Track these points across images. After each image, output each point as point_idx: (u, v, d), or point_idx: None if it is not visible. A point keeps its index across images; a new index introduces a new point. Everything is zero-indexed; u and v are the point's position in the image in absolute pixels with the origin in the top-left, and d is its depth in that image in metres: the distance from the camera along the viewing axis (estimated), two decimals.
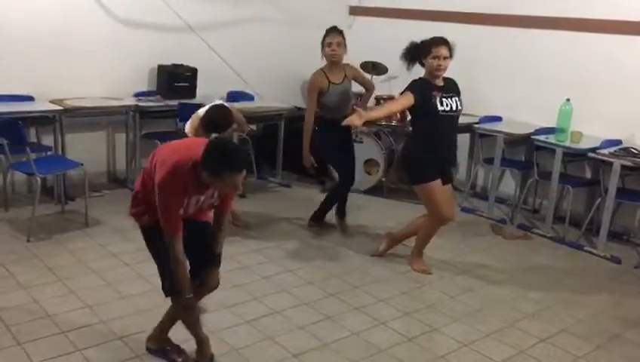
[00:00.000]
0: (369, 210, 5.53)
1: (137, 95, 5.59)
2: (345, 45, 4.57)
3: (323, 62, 4.65)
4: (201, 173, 2.52)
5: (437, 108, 3.88)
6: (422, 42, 3.97)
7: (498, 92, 5.84)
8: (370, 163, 5.90)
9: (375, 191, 5.95)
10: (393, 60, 4.14)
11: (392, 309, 3.69)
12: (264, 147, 6.17)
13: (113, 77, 5.55)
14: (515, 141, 5.44)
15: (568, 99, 4.96)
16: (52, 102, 5.09)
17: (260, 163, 6.16)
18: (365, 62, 6.01)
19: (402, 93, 3.97)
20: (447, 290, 4.00)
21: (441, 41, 3.91)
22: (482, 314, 3.73)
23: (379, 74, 6.08)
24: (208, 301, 3.63)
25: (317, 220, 4.94)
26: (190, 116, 4.27)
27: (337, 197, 4.93)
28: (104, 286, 3.73)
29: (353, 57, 5.01)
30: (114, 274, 3.88)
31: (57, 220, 4.75)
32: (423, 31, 4.17)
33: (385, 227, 4.93)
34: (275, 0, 5.21)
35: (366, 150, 5.80)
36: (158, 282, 2.82)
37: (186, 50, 5.79)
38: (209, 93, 5.48)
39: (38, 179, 4.38)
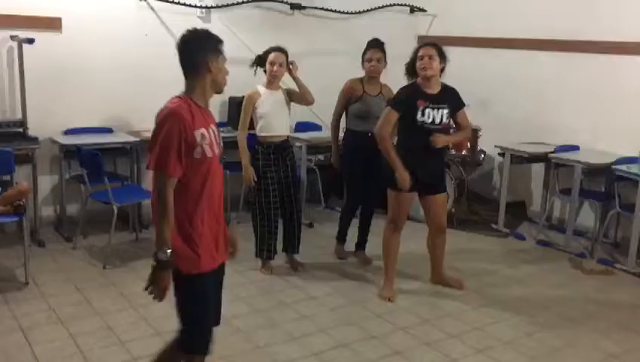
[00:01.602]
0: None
1: None
2: (385, 60, 4.57)
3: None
4: (199, 79, 2.39)
5: (416, 118, 3.81)
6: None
7: (574, 120, 5.62)
8: None
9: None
10: (462, 89, 4.06)
11: (464, 346, 3.55)
12: (331, 177, 6.16)
13: None
14: (594, 171, 5.20)
15: None
16: (129, 133, 5.30)
17: (327, 192, 6.15)
18: None
19: (388, 103, 4.01)
20: (523, 327, 3.81)
21: (426, 43, 3.95)
22: (561, 354, 3.52)
23: None
24: (277, 331, 3.62)
25: (338, 242, 4.88)
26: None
27: (348, 217, 4.85)
28: (175, 315, 3.76)
29: None
30: None
31: (132, 248, 4.89)
32: (493, 58, 4.11)
33: (457, 259, 4.78)
34: (346, 31, 5.26)
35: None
36: (227, 311, 2.79)
37: (258, 82, 5.89)
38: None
39: (115, 208, 4.54)
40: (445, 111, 3.88)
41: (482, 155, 5.95)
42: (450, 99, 3.94)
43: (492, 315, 3.96)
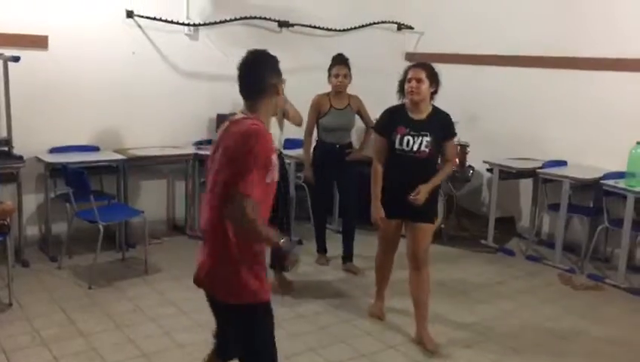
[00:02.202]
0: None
1: (197, 144, 5.70)
2: (350, 76, 4.81)
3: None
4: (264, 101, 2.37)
5: (394, 144, 3.61)
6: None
7: (562, 135, 5.65)
8: None
9: (434, 238, 5.76)
10: (450, 105, 4.05)
11: None
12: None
13: (174, 126, 5.71)
14: (582, 186, 5.21)
15: (639, 142, 4.73)
16: (116, 151, 5.26)
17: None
18: None
19: (373, 128, 3.92)
20: (511, 344, 3.78)
21: (416, 65, 3.66)
22: None
23: None
24: None
25: (319, 253, 5.12)
26: None
27: (319, 224, 5.11)
28: (161, 335, 3.71)
29: None
30: (171, 323, 3.86)
31: (118, 267, 4.82)
32: (481, 75, 4.09)
33: (446, 275, 4.75)
34: (332, 48, 5.27)
35: None
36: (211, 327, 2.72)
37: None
38: None
39: (101, 226, 4.48)
40: (427, 138, 3.54)
41: (471, 171, 5.95)
42: (437, 127, 3.61)
43: (482, 332, 3.93)
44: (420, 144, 3.55)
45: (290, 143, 6.12)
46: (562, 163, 5.52)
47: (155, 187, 5.75)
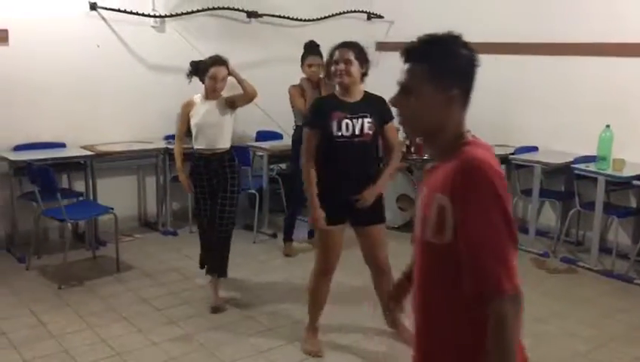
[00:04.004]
0: (403, 246, 5.35)
1: (167, 138, 5.59)
2: (323, 65, 4.68)
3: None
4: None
5: (332, 133, 3.17)
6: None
7: (533, 121, 5.68)
8: (402, 198, 5.76)
9: (409, 227, 5.78)
10: None
11: None
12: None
13: (142, 121, 5.59)
14: (553, 171, 5.25)
15: (608, 126, 4.78)
16: (83, 147, 5.13)
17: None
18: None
19: (302, 123, 3.41)
20: None
21: (343, 44, 3.24)
22: (533, 354, 3.50)
23: None
24: None
25: (285, 242, 5.13)
26: None
27: (294, 214, 5.16)
28: (135, 333, 3.63)
29: (381, 94, 4.94)
30: (145, 321, 3.78)
31: (89, 266, 4.71)
32: None
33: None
34: (303, 39, 5.21)
35: (398, 185, 5.67)
36: (189, 328, 2.68)
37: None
38: (238, 133, 5.44)
39: (69, 225, 4.36)
40: (367, 120, 3.20)
41: None
42: (375, 109, 3.24)
43: None
44: (362, 126, 3.19)
45: (261, 135, 6.09)
46: (533, 149, 5.55)
47: (124, 183, 5.63)
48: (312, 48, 4.93)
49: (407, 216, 5.75)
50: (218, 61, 3.95)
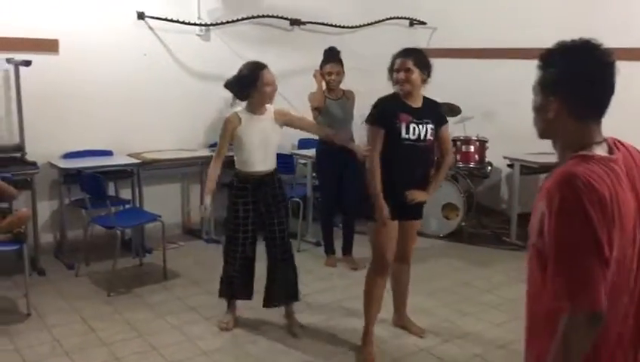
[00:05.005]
0: (448, 256, 5.26)
1: (211, 146, 5.60)
2: (343, 72, 4.83)
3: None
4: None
5: (400, 135, 3.25)
6: None
7: None
8: (448, 207, 5.66)
9: (454, 236, 5.68)
10: (465, 100, 3.92)
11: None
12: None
13: (188, 129, 5.62)
14: None
15: None
16: (130, 155, 5.17)
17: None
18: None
19: (367, 119, 3.36)
20: None
21: (402, 52, 3.33)
22: None
23: (454, 115, 5.89)
24: None
25: (327, 255, 5.03)
26: None
27: (326, 225, 5.03)
28: (184, 342, 3.62)
29: None
30: (194, 329, 3.77)
31: (136, 273, 4.73)
32: (495, 68, 3.95)
33: (470, 274, 4.64)
34: (345, 46, 5.15)
35: (444, 194, 5.57)
36: (238, 337, 2.65)
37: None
38: (282, 142, 5.43)
39: (118, 232, 4.39)
40: (430, 126, 3.31)
41: (489, 167, 5.84)
42: (433, 113, 3.38)
43: (516, 332, 3.82)
44: (426, 132, 3.30)
45: (304, 143, 6.06)
46: None
47: (169, 191, 5.66)
48: (331, 55, 4.84)
49: (454, 225, 5.65)
50: (261, 65, 3.59)
